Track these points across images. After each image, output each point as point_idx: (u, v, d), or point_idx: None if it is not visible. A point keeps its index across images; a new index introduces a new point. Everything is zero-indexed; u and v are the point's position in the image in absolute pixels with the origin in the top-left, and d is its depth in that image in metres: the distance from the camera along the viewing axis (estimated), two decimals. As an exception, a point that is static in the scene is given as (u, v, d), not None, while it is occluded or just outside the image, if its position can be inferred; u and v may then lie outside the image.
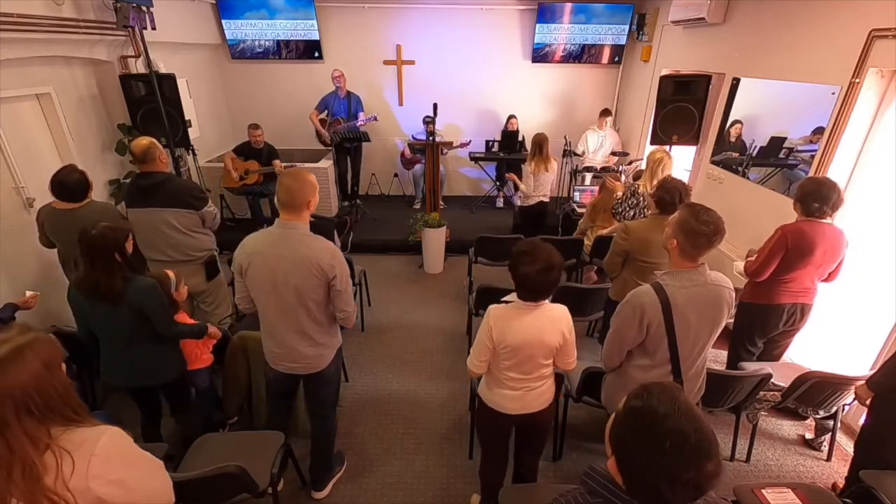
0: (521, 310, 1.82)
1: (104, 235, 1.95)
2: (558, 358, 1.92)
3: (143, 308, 2.05)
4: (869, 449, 2.14)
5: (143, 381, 2.26)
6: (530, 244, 1.79)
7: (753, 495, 1.87)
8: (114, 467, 1.12)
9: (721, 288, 1.82)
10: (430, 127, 5.07)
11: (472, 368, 1.93)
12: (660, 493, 0.84)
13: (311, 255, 1.92)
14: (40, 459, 1.02)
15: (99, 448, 1.09)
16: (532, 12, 6.14)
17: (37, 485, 1.00)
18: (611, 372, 2.13)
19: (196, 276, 3.05)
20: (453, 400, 3.21)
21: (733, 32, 4.08)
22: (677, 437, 0.82)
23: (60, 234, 2.79)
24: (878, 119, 2.86)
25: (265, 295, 1.98)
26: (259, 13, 6.08)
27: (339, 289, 2.00)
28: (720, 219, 1.77)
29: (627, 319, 1.86)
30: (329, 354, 2.19)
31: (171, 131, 4.17)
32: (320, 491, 2.49)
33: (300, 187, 1.91)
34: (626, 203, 3.51)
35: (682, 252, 1.80)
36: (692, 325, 1.81)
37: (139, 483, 1.19)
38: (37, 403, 1.03)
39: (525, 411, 1.96)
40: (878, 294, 2.86)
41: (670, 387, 0.90)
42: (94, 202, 2.84)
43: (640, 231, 2.67)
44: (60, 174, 2.67)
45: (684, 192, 2.57)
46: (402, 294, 4.66)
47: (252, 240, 1.98)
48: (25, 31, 3.11)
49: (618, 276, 2.88)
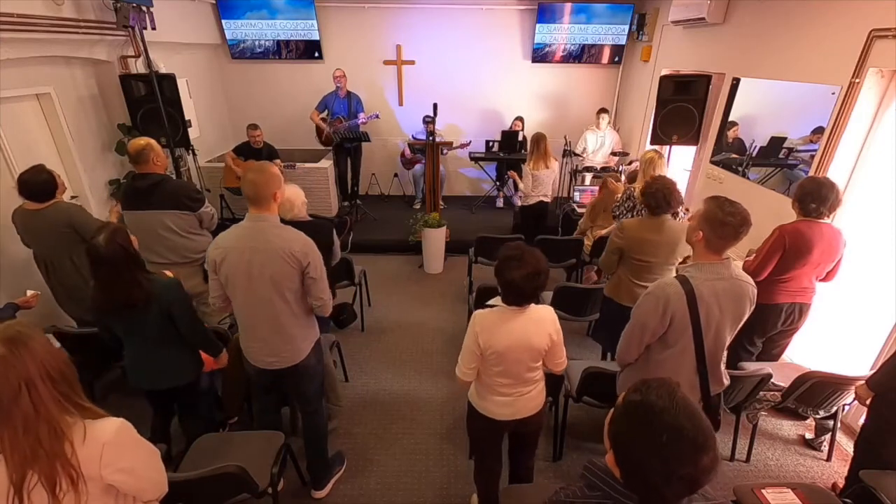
0: (506, 314, 1.80)
1: (118, 247, 1.90)
2: (548, 360, 1.91)
3: (170, 306, 2.06)
4: (869, 449, 2.14)
5: (166, 383, 2.26)
6: (517, 248, 1.77)
7: (753, 495, 1.87)
8: (124, 456, 1.19)
9: (745, 283, 1.81)
10: (430, 126, 5.07)
11: (461, 377, 1.91)
12: (657, 486, 0.85)
13: (284, 244, 1.93)
14: (63, 420, 1.09)
15: (111, 437, 1.15)
16: (532, 12, 6.14)
17: (60, 447, 1.08)
18: (626, 367, 2.09)
19: (194, 277, 3.05)
20: (453, 400, 3.21)
21: (733, 32, 4.08)
22: (674, 432, 0.83)
23: (30, 234, 2.79)
24: (877, 119, 2.86)
25: (240, 289, 1.98)
26: (259, 13, 6.08)
27: (313, 276, 2.01)
28: (746, 211, 1.74)
29: (650, 310, 1.82)
30: (306, 347, 2.19)
31: (171, 131, 4.17)
32: (320, 491, 2.49)
33: (265, 181, 1.91)
34: (623, 206, 3.52)
35: (708, 244, 1.78)
36: (715, 317, 1.80)
37: (146, 472, 1.26)
38: (57, 372, 1.10)
39: (517, 417, 1.95)
40: (878, 294, 2.85)
41: (668, 382, 0.90)
42: (60, 203, 2.81)
43: (634, 229, 2.67)
44: (26, 175, 2.65)
45: (668, 191, 2.54)
46: (402, 294, 4.66)
47: (225, 236, 1.99)
48: (25, 31, 3.11)
49: (614, 274, 2.88)
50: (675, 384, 0.90)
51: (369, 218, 6.17)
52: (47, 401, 1.07)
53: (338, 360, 3.31)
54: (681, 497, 0.87)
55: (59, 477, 1.07)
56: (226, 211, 5.70)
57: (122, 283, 1.94)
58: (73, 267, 2.87)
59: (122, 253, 1.92)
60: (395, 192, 7.18)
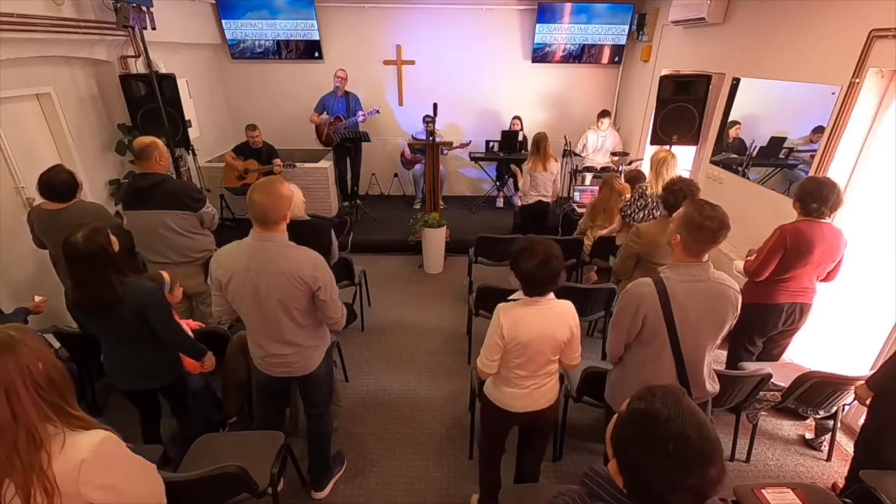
0: (528, 306, 1.83)
1: (95, 245, 1.87)
2: (564, 353, 1.93)
3: (144, 310, 2.03)
4: (869, 449, 2.14)
5: (143, 385, 2.25)
6: (528, 240, 1.80)
7: (753, 495, 1.87)
8: (105, 472, 1.12)
9: (725, 287, 1.81)
10: (430, 126, 5.07)
11: (483, 368, 1.93)
12: (662, 497, 0.82)
13: (292, 267, 1.86)
14: (43, 429, 1.06)
15: (90, 453, 1.09)
16: (532, 12, 6.14)
17: (37, 458, 1.03)
18: (613, 369, 2.14)
19: (195, 276, 3.05)
20: (453, 400, 3.21)
21: (733, 32, 4.08)
22: (680, 441, 0.81)
23: (49, 234, 2.78)
24: (878, 119, 2.86)
25: (247, 306, 1.95)
26: (259, 13, 6.08)
27: (323, 298, 1.94)
28: (725, 214, 1.75)
29: (623, 309, 1.88)
30: (318, 357, 2.18)
31: (171, 131, 4.17)
32: (320, 491, 2.49)
33: (272, 204, 1.80)
34: (635, 205, 3.50)
35: (685, 247, 1.80)
36: (691, 319, 1.80)
37: (130, 488, 1.20)
38: (45, 379, 1.07)
39: (532, 409, 1.97)
40: (878, 294, 2.85)
41: (674, 389, 0.88)
42: (82, 202, 2.82)
43: (651, 234, 2.65)
44: (48, 174, 2.64)
45: (689, 191, 2.54)
46: (402, 294, 4.66)
47: (227, 253, 1.92)
48: (25, 31, 3.11)
49: (629, 279, 2.86)
50: (681, 391, 0.88)
51: (369, 218, 6.17)
52: (28, 408, 1.03)
53: (338, 360, 3.31)
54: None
55: (34, 489, 1.02)
56: (226, 211, 5.71)
57: (94, 283, 1.91)
58: None
59: (100, 252, 1.89)
60: (395, 192, 7.17)
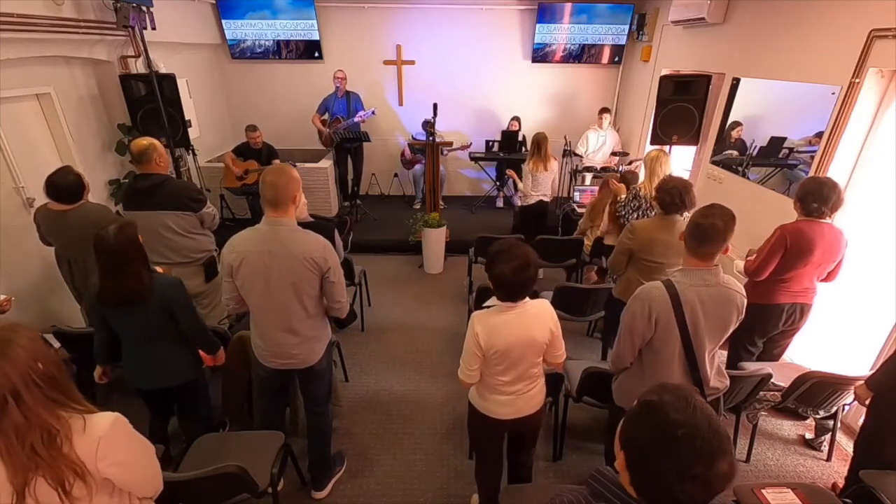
0: (503, 312, 1.80)
1: (125, 239, 1.93)
2: (548, 353, 1.91)
3: (171, 304, 2.07)
4: (869, 449, 2.14)
5: (165, 382, 2.26)
6: (505, 244, 1.77)
7: (753, 495, 1.87)
8: (120, 449, 1.19)
9: (733, 291, 1.83)
10: (430, 128, 5.07)
11: (465, 379, 1.90)
12: (668, 486, 0.82)
13: (304, 249, 1.92)
14: (56, 420, 1.09)
15: (106, 430, 1.15)
16: (532, 12, 6.14)
17: (59, 451, 1.08)
18: (621, 373, 2.09)
19: (195, 277, 3.05)
20: (453, 400, 3.20)
21: (733, 32, 4.08)
22: (690, 429, 0.81)
23: (55, 235, 2.78)
24: (877, 119, 2.86)
25: (257, 292, 1.97)
26: (259, 13, 6.08)
27: (332, 280, 2.00)
28: (724, 214, 1.77)
29: (636, 313, 1.85)
30: (320, 349, 2.19)
31: (171, 131, 4.17)
32: (320, 491, 2.49)
33: (286, 183, 1.90)
34: (629, 206, 3.50)
35: (688, 248, 1.82)
36: (701, 323, 1.81)
37: (141, 466, 1.28)
38: (45, 377, 1.09)
39: (518, 416, 1.95)
40: (878, 294, 2.85)
41: (685, 386, 0.89)
42: (89, 203, 2.82)
43: (645, 230, 2.66)
44: (55, 176, 2.64)
45: (684, 190, 2.54)
46: (402, 294, 4.66)
47: (241, 239, 1.96)
48: (25, 31, 3.11)
49: (622, 275, 2.88)
50: (691, 390, 0.89)
51: (369, 218, 6.17)
52: (36, 408, 1.06)
53: (338, 360, 3.31)
54: (694, 502, 0.83)
55: (65, 475, 1.08)
56: (226, 211, 5.71)
57: (126, 276, 1.95)
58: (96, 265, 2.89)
59: (130, 246, 1.94)
60: (395, 192, 7.17)
